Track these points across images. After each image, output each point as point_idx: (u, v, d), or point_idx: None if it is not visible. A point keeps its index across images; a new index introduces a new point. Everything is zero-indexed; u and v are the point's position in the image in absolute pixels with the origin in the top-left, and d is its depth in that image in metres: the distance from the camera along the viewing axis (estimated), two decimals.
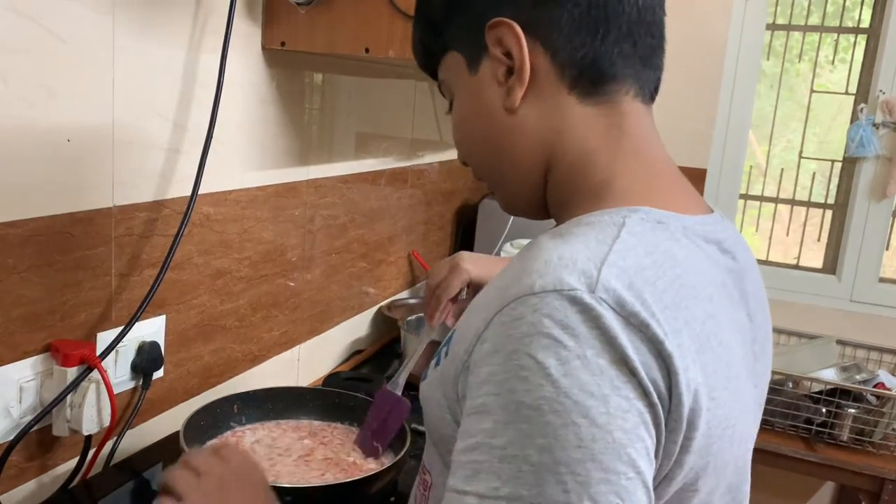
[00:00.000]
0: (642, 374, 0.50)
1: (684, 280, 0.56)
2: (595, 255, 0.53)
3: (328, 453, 1.11)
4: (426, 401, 0.66)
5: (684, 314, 0.54)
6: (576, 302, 0.50)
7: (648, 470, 0.50)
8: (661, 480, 0.54)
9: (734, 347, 0.61)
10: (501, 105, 0.65)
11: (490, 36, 0.63)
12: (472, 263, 1.05)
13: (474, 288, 1.05)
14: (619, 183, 0.63)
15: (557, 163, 0.65)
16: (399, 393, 1.09)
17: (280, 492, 0.94)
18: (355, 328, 1.80)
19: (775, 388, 2.07)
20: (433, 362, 0.68)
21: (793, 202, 2.70)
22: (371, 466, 1.08)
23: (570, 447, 0.48)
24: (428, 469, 0.70)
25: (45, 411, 0.97)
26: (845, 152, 2.56)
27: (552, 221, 0.70)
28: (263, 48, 1.29)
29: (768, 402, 1.54)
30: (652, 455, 0.51)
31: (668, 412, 0.52)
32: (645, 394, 0.50)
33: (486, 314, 0.55)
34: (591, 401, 0.48)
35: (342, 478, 1.04)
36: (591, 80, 0.63)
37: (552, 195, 0.68)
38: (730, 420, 0.58)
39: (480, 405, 0.52)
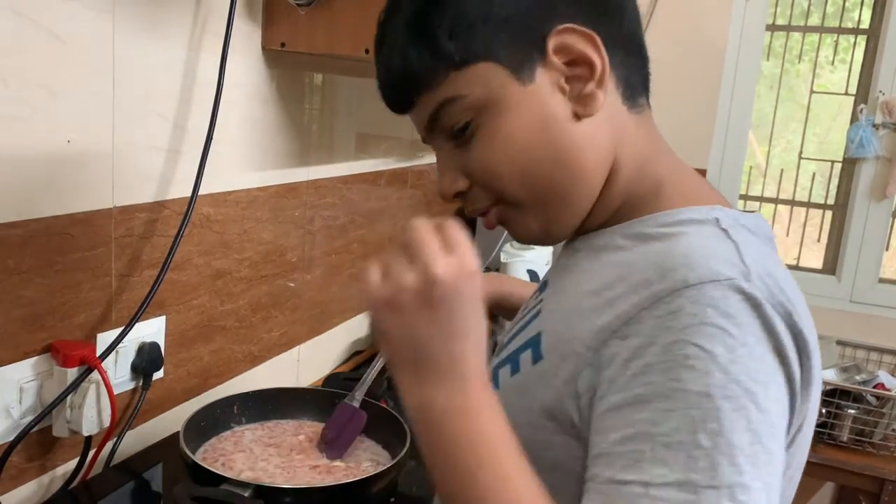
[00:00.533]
0: (792, 361, 0.54)
1: (786, 275, 0.59)
2: (727, 248, 0.56)
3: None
4: (507, 408, 0.60)
5: (801, 306, 0.57)
6: (737, 291, 0.52)
7: (783, 457, 0.54)
8: None
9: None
10: (570, 114, 0.63)
11: (554, 42, 0.62)
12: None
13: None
14: (669, 180, 0.66)
15: (618, 171, 0.66)
16: (356, 406, 1.11)
17: (280, 492, 0.94)
18: (355, 329, 1.80)
19: None
20: (504, 370, 0.68)
21: (793, 203, 2.71)
22: (369, 466, 1.08)
23: (741, 430, 0.49)
24: None
25: (46, 412, 0.97)
26: (845, 153, 2.56)
27: None
28: (263, 49, 1.29)
29: None
30: (788, 429, 0.55)
31: (800, 393, 0.55)
32: (789, 381, 0.54)
33: (618, 311, 0.56)
34: (756, 387, 0.51)
35: (341, 478, 1.04)
36: (634, 91, 0.67)
37: (603, 205, 0.67)
38: (816, 403, 0.62)
39: (635, 397, 0.52)
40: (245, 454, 1.08)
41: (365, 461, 1.10)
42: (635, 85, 0.67)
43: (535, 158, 0.63)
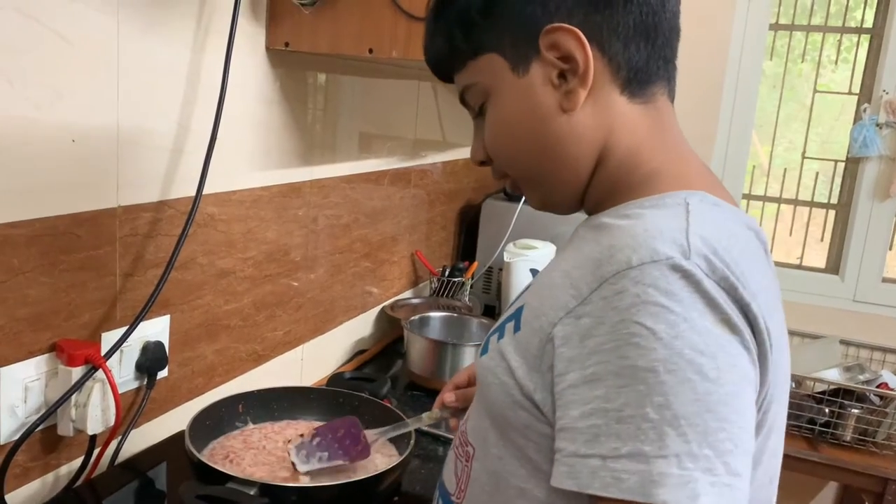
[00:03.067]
0: (744, 331, 0.55)
1: (747, 253, 0.60)
2: (677, 227, 0.58)
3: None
4: (488, 371, 0.68)
5: (753, 282, 0.58)
6: (675, 269, 0.54)
7: (753, 418, 0.55)
8: None
9: (782, 316, 0.67)
10: (557, 106, 0.67)
11: (545, 40, 0.66)
12: None
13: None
14: (667, 170, 0.68)
15: (607, 159, 0.69)
16: (368, 442, 1.03)
17: (286, 491, 0.95)
18: (359, 328, 1.80)
19: None
20: (494, 336, 0.71)
21: (796, 202, 2.70)
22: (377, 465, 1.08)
23: (687, 402, 0.52)
24: (471, 442, 0.72)
25: (50, 411, 0.97)
26: (848, 152, 2.56)
27: (561, 219, 0.72)
28: (267, 49, 1.29)
29: None
30: (755, 404, 0.56)
31: (757, 363, 0.57)
32: (745, 348, 0.55)
33: (575, 291, 0.59)
34: (701, 358, 0.52)
35: (343, 479, 1.04)
36: (640, 81, 0.68)
37: (596, 189, 0.71)
38: (784, 386, 0.64)
39: (591, 375, 0.55)
40: (252, 452, 1.08)
41: (381, 454, 1.10)
42: (643, 74, 0.68)
43: (522, 145, 0.71)
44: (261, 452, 1.09)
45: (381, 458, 1.09)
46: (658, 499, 0.51)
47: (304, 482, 1.01)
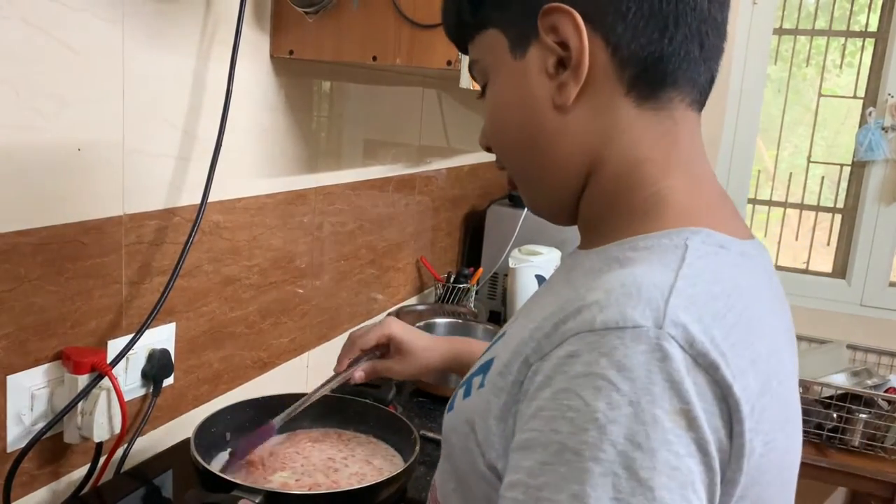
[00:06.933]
0: (703, 424, 0.46)
1: (751, 312, 0.52)
2: (661, 283, 0.49)
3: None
4: (452, 432, 0.63)
5: (750, 352, 0.50)
6: (640, 340, 0.46)
7: None
8: None
9: (792, 382, 0.58)
10: (549, 99, 0.59)
11: (544, 22, 0.57)
12: (399, 324, 1.07)
13: (395, 348, 1.06)
14: (672, 199, 0.58)
15: (601, 170, 0.60)
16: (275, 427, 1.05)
17: (290, 498, 0.95)
18: None
19: None
20: (460, 392, 0.65)
21: (801, 206, 2.70)
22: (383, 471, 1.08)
23: (604, 498, 0.44)
24: (440, 502, 0.67)
25: (57, 418, 0.97)
26: (854, 156, 2.55)
27: (564, 228, 0.68)
28: (272, 56, 1.30)
29: None
30: None
31: (728, 463, 0.48)
32: (701, 449, 0.46)
33: (538, 345, 0.52)
34: (635, 452, 0.45)
35: (347, 486, 1.04)
36: (651, 82, 0.57)
37: (589, 204, 0.62)
38: (783, 465, 0.54)
39: (525, 440, 0.49)
40: (260, 460, 1.08)
41: (386, 460, 1.10)
42: (656, 73, 0.57)
43: (511, 135, 0.63)
44: (266, 461, 1.09)
45: (386, 464, 1.09)
46: None
47: (307, 490, 1.01)
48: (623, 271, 0.52)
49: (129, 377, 1.11)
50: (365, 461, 1.11)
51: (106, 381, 1.00)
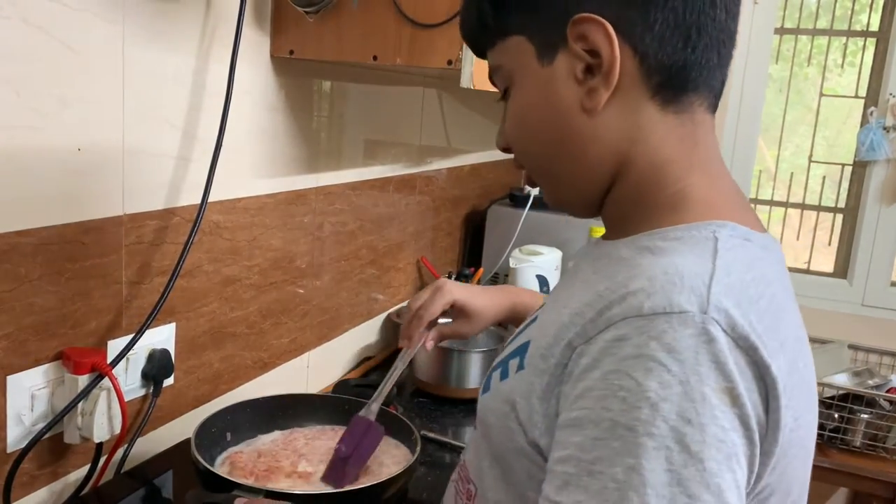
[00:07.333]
0: (745, 401, 0.50)
1: (778, 299, 0.56)
2: (701, 272, 0.53)
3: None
4: (490, 412, 0.65)
5: (779, 336, 0.53)
6: (687, 325, 0.50)
7: (734, 499, 0.49)
8: None
9: (811, 367, 0.62)
10: (578, 103, 0.62)
11: (573, 30, 0.60)
12: (456, 286, 1.07)
13: (458, 311, 1.06)
14: (695, 194, 0.62)
15: (628, 171, 0.63)
16: (373, 419, 1.06)
17: (292, 498, 0.94)
18: (364, 335, 1.80)
19: None
20: (496, 373, 0.67)
21: (803, 206, 2.69)
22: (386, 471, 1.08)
23: (658, 470, 0.48)
24: (473, 480, 0.70)
25: (57, 419, 0.97)
26: (855, 156, 2.55)
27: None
28: (272, 56, 1.29)
29: None
30: (742, 486, 0.50)
31: (765, 436, 0.52)
32: (743, 424, 0.50)
33: (582, 329, 0.55)
34: (686, 427, 0.48)
35: (348, 486, 1.03)
36: (675, 88, 0.61)
37: (615, 201, 0.66)
38: (806, 441, 0.58)
39: (575, 419, 0.52)
40: (262, 460, 1.08)
41: (387, 461, 1.10)
42: (679, 79, 0.61)
43: (538, 138, 0.66)
44: (266, 461, 1.09)
45: (387, 464, 1.09)
46: None
47: (311, 489, 1.01)
48: (661, 260, 0.55)
49: (129, 377, 1.11)
50: None
51: (106, 382, 1.00)
